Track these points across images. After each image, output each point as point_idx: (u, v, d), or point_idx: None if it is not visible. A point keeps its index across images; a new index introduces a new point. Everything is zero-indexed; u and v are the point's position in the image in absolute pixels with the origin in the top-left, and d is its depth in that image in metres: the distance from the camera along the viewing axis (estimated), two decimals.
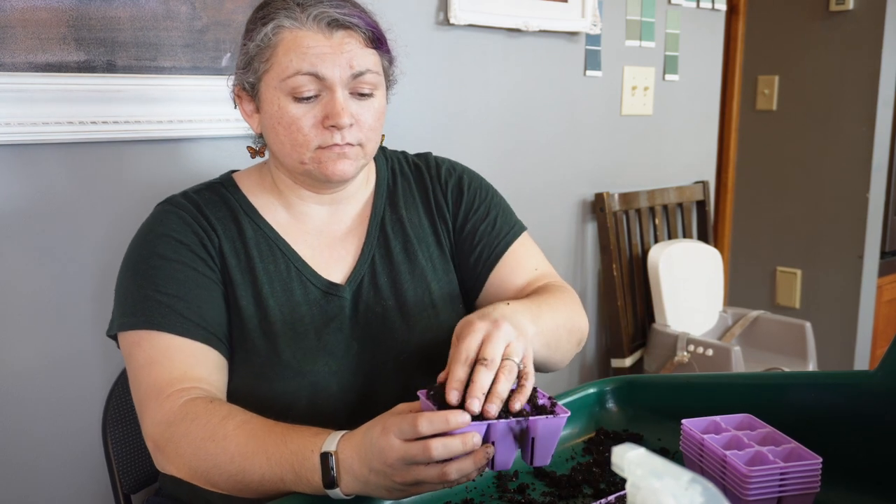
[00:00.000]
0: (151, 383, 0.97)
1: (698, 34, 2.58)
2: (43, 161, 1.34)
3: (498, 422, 0.80)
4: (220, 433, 0.90)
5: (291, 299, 1.06)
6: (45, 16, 1.30)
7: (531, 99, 2.12)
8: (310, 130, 1.01)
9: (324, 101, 1.01)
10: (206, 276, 1.03)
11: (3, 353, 1.34)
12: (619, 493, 0.87)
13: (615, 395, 1.16)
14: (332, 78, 1.00)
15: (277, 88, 1.01)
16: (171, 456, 0.93)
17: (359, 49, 1.01)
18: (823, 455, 0.84)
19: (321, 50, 0.99)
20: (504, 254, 1.18)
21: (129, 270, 1.04)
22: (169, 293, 1.00)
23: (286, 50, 1.00)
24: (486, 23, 1.93)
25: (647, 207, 2.44)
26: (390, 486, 0.81)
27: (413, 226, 1.16)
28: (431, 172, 1.21)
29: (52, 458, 1.41)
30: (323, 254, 1.11)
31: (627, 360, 2.33)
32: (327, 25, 1.00)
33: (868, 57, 3.00)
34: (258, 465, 0.87)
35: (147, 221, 1.08)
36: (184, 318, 0.99)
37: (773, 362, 2.39)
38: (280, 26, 1.00)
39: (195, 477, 0.92)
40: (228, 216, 1.08)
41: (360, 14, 1.03)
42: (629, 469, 0.53)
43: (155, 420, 0.95)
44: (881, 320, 3.29)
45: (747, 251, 3.44)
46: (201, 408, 0.93)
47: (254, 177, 1.14)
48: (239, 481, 0.89)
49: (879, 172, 3.08)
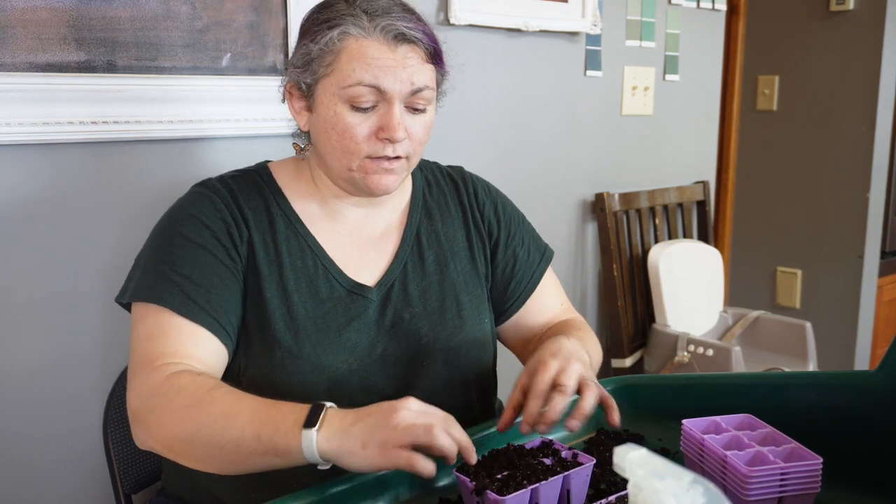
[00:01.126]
0: (142, 356, 0.97)
1: (698, 34, 2.58)
2: (43, 161, 1.34)
3: (540, 485, 0.82)
4: (206, 399, 0.89)
5: (316, 296, 1.06)
6: (45, 16, 1.29)
7: (531, 99, 2.12)
8: (362, 140, 1.01)
9: (380, 113, 1.01)
10: (225, 264, 1.03)
11: (4, 353, 1.34)
12: (619, 493, 0.87)
13: (615, 395, 1.15)
14: (393, 92, 1.00)
15: (335, 94, 1.01)
16: (150, 426, 0.92)
17: (420, 65, 1.02)
18: (824, 455, 0.84)
19: (385, 63, 0.99)
20: (539, 285, 1.23)
21: (153, 244, 1.05)
22: (182, 274, 1.00)
23: (349, 58, 0.99)
24: (486, 23, 1.93)
25: (648, 207, 2.45)
26: (369, 438, 0.81)
27: (448, 239, 1.17)
28: (469, 190, 1.22)
29: (53, 458, 1.41)
30: (353, 254, 1.11)
31: (628, 360, 2.33)
32: (393, 38, 1.00)
33: (868, 57, 3.00)
34: (240, 422, 0.86)
35: (181, 200, 1.09)
36: (190, 301, 0.99)
37: (774, 362, 2.39)
38: (346, 33, 0.99)
39: (173, 446, 0.91)
40: (261, 206, 1.08)
41: (424, 28, 1.03)
42: (631, 469, 0.53)
43: (138, 391, 0.94)
44: (881, 320, 3.29)
45: (747, 251, 3.44)
46: (188, 379, 0.92)
47: (290, 169, 1.13)
48: (215, 444, 0.87)
49: (880, 172, 3.08)
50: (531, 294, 1.22)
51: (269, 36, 1.55)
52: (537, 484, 0.82)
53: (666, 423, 1.07)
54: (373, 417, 0.82)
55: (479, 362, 1.15)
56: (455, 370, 1.12)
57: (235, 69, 1.51)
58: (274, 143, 1.57)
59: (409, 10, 1.04)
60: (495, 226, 1.21)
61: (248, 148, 1.56)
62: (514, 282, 1.21)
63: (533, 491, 0.82)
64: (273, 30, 1.55)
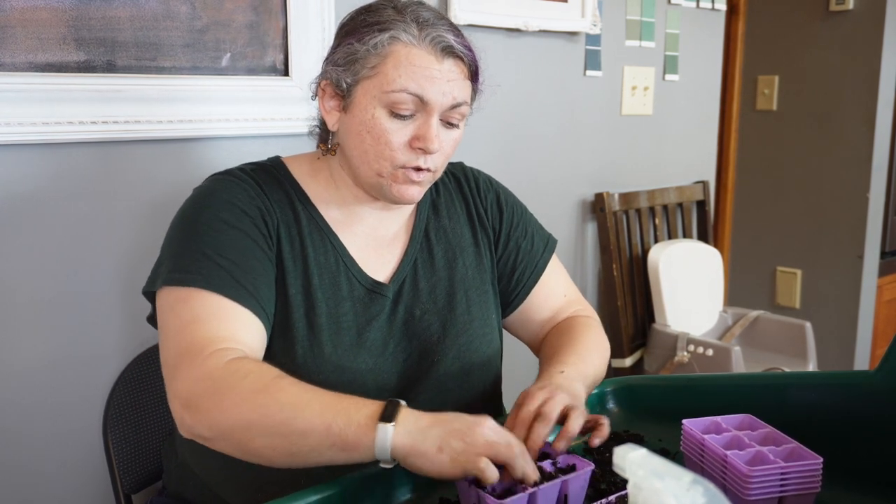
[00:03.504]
0: (192, 340, 0.92)
1: (698, 34, 2.58)
2: (43, 161, 1.34)
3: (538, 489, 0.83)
4: (274, 386, 0.86)
5: (338, 294, 1.06)
6: (45, 16, 1.29)
7: (531, 99, 2.12)
8: (398, 147, 1.01)
9: (418, 123, 1.01)
10: (265, 251, 1.02)
11: (4, 352, 1.34)
12: (619, 493, 0.87)
13: (616, 395, 1.16)
14: (435, 103, 0.99)
15: (376, 98, 1.00)
16: (209, 411, 0.87)
17: (461, 80, 1.02)
18: (824, 455, 0.84)
19: (431, 73, 0.99)
20: (542, 274, 1.22)
21: (188, 230, 1.00)
22: (229, 258, 0.97)
23: (396, 63, 0.99)
24: (486, 23, 1.93)
25: (648, 207, 2.45)
26: (446, 444, 0.81)
27: (455, 235, 1.17)
28: (471, 185, 1.22)
29: (53, 457, 1.41)
30: (370, 255, 1.11)
31: (628, 360, 2.33)
32: (441, 50, 0.99)
33: (868, 57, 3.00)
34: (309, 412, 0.83)
35: (207, 187, 1.05)
36: (240, 285, 0.96)
37: (774, 362, 2.39)
38: (396, 38, 0.99)
39: (232, 433, 0.86)
40: (285, 199, 1.07)
41: (468, 45, 1.04)
42: (631, 469, 0.53)
43: (193, 376, 0.89)
44: (881, 320, 3.29)
45: (747, 251, 3.44)
46: (252, 365, 0.89)
47: (305, 166, 1.12)
48: (280, 433, 0.84)
49: (879, 172, 3.08)
50: (535, 284, 1.22)
51: (268, 36, 1.55)
52: (535, 488, 0.82)
53: (666, 424, 1.07)
54: (453, 425, 0.82)
55: (486, 358, 1.15)
56: (464, 366, 1.12)
57: (235, 69, 1.51)
58: (274, 143, 1.57)
59: (454, 26, 1.04)
60: (497, 217, 1.21)
61: (248, 148, 1.56)
62: (517, 272, 1.21)
63: (531, 495, 0.82)
64: (273, 30, 1.55)
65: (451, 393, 1.11)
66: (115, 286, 1.43)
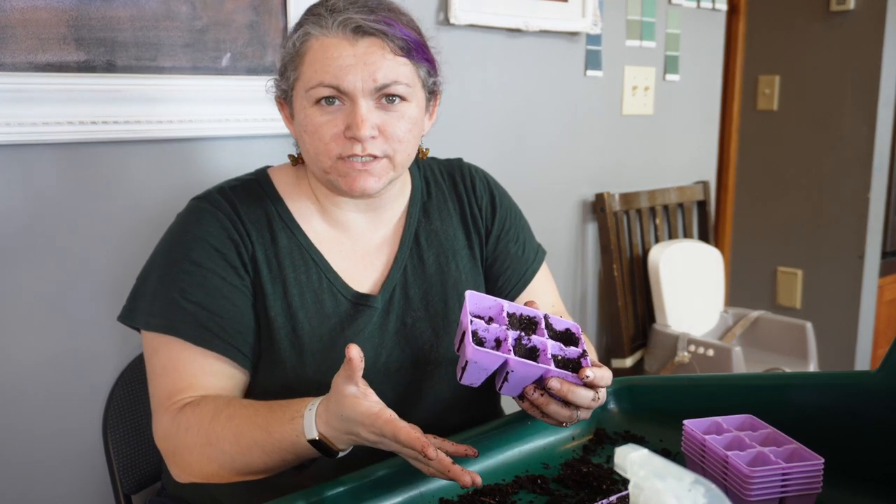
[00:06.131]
0: (160, 392, 1.01)
1: (699, 34, 2.57)
2: (43, 161, 1.34)
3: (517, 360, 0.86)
4: (212, 437, 0.94)
5: (321, 311, 1.05)
6: (45, 16, 1.29)
7: (531, 99, 2.12)
8: (330, 139, 0.99)
9: (345, 112, 0.99)
10: (234, 285, 1.02)
11: (5, 352, 1.34)
12: (620, 493, 0.87)
13: (616, 396, 1.16)
14: (354, 90, 0.97)
15: (304, 98, 1.00)
16: (180, 466, 0.99)
17: (386, 59, 0.98)
18: (825, 455, 0.84)
19: (344, 61, 0.97)
20: (530, 283, 1.21)
21: (162, 268, 1.03)
22: (194, 301, 1.00)
23: (311, 60, 0.98)
24: (486, 23, 1.93)
25: (648, 207, 2.44)
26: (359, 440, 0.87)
27: (448, 237, 1.16)
28: (466, 183, 1.20)
29: (53, 457, 1.41)
30: (357, 264, 1.10)
31: (628, 360, 2.33)
32: (353, 32, 0.97)
33: (868, 57, 3.00)
34: (258, 458, 0.93)
35: (183, 217, 1.06)
36: (204, 329, 0.99)
37: (774, 362, 2.39)
38: (308, 34, 0.99)
39: (210, 478, 0.97)
40: (263, 220, 1.06)
41: (392, 21, 0.99)
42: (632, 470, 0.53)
43: (159, 434, 1.01)
44: (882, 320, 3.29)
45: (748, 251, 3.44)
46: (191, 415, 0.97)
47: (290, 178, 1.11)
48: (249, 472, 0.96)
49: (880, 172, 3.08)
50: (521, 293, 1.20)
51: (268, 36, 1.55)
52: (516, 357, 0.86)
53: (667, 424, 1.07)
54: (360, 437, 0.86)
55: None
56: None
57: (235, 69, 1.51)
58: (274, 143, 1.57)
59: (377, 5, 1.01)
60: (490, 217, 1.19)
61: (248, 148, 1.56)
62: (503, 277, 1.19)
63: (506, 362, 0.86)
64: (273, 30, 1.55)
65: (447, 402, 1.10)
66: (115, 286, 1.43)
